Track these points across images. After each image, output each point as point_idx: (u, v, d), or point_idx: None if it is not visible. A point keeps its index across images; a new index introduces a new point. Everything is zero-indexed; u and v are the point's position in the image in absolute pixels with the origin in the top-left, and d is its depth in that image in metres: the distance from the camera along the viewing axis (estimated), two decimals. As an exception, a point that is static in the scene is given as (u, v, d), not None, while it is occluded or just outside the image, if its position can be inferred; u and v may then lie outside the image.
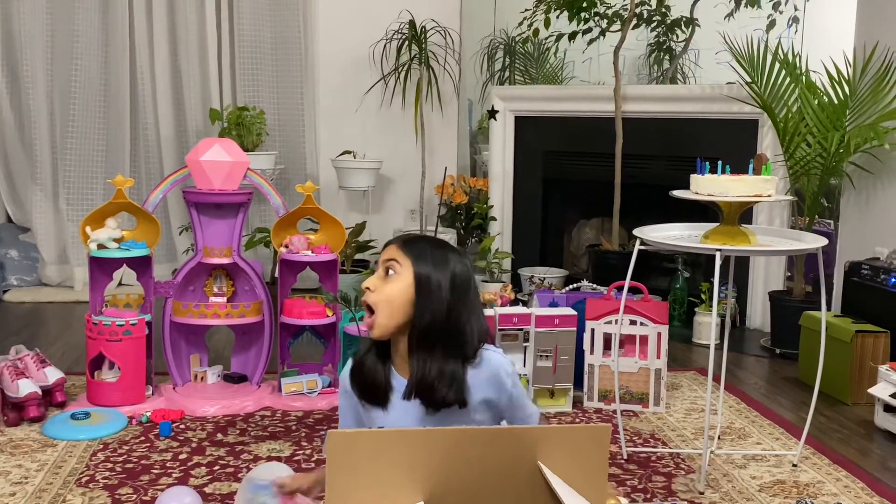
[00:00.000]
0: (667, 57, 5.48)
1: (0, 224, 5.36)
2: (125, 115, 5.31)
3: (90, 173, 5.31)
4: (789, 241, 2.76)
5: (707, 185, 2.63)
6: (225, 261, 3.36)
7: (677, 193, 2.73)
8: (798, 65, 4.29)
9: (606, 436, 1.54)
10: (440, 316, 1.72)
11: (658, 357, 3.32)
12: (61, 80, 5.26)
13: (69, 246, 5.30)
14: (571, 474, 1.51)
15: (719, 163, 2.65)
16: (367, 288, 1.76)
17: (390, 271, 1.75)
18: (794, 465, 2.83)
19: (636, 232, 2.74)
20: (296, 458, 2.82)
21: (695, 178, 2.68)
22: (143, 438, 2.96)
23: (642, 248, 2.72)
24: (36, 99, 5.22)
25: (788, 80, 4.29)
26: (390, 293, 1.73)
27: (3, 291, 5.12)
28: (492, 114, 5.28)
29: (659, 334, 3.31)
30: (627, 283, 2.88)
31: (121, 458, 2.78)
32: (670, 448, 2.97)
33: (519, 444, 1.50)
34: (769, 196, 2.62)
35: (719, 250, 2.53)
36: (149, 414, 3.12)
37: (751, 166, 2.68)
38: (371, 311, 1.76)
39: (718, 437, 3.06)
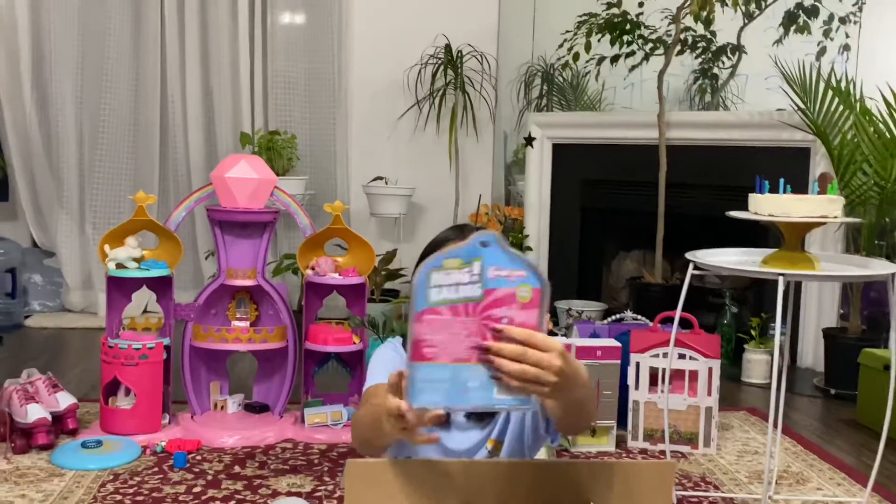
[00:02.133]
0: (710, 84, 5.28)
1: (24, 248, 5.25)
2: (154, 139, 5.21)
3: (117, 198, 5.20)
4: (856, 269, 2.53)
5: (767, 205, 2.42)
6: (249, 283, 3.19)
7: (735, 214, 2.52)
8: (852, 91, 4.09)
9: (671, 474, 1.33)
10: None
11: (709, 394, 3.08)
12: (91, 104, 5.17)
13: (94, 271, 5.18)
14: (629, 518, 1.31)
15: (781, 181, 2.44)
16: None
17: None
18: (862, 514, 2.58)
19: (689, 255, 2.53)
20: (317, 493, 2.62)
21: (754, 198, 2.47)
22: (156, 469, 2.78)
23: (695, 272, 2.52)
24: (64, 122, 5.13)
25: (842, 107, 4.09)
26: None
27: (24, 317, 5.00)
28: (528, 141, 5.11)
29: (710, 370, 3.08)
30: (679, 313, 2.67)
31: (131, 490, 2.60)
32: (723, 493, 2.73)
33: (568, 480, 1.30)
34: (835, 217, 2.41)
35: (782, 275, 2.31)
36: (164, 443, 2.94)
37: (814, 186, 2.47)
38: None
39: (775, 482, 2.82)
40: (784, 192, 2.45)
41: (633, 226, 5.11)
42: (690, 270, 2.51)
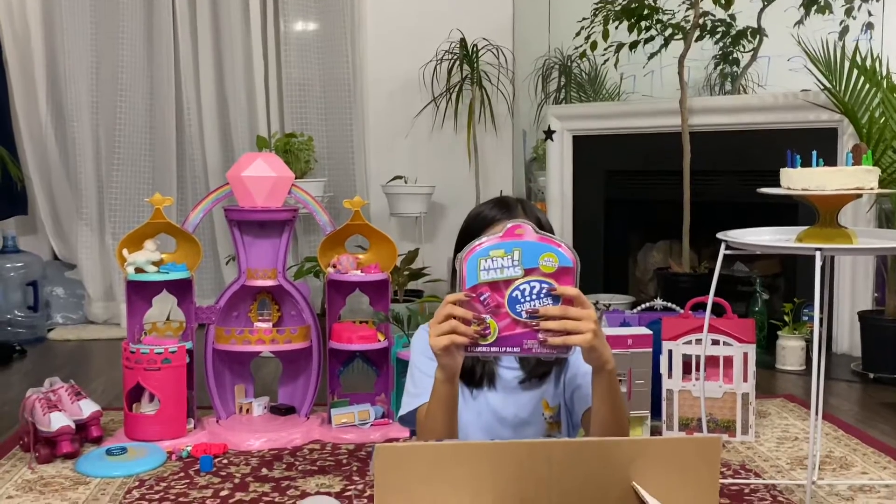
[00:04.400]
0: (731, 69, 5.17)
1: (46, 261, 5.24)
2: (171, 146, 5.18)
3: (136, 206, 5.18)
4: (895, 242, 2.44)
5: (800, 179, 2.34)
6: (269, 283, 3.14)
7: (767, 190, 2.44)
8: (878, 69, 3.99)
9: (717, 450, 1.26)
10: None
11: (745, 380, 2.99)
12: (106, 114, 5.16)
13: (115, 282, 5.15)
14: (674, 498, 1.23)
15: (813, 153, 2.36)
16: None
17: None
18: (911, 498, 2.49)
19: (720, 235, 2.45)
20: (346, 493, 2.56)
21: (786, 172, 2.39)
22: (182, 474, 2.72)
23: (727, 253, 2.44)
24: (81, 133, 5.12)
25: (869, 84, 3.99)
26: None
27: (47, 330, 4.97)
28: (548, 134, 5.03)
29: (745, 355, 2.99)
30: (711, 297, 2.59)
31: (157, 496, 2.55)
32: (765, 479, 2.64)
33: (609, 459, 1.23)
34: (872, 189, 2.32)
35: (819, 249, 2.23)
36: (189, 448, 2.89)
37: (848, 157, 2.39)
38: None
39: (818, 467, 2.73)
40: (817, 165, 2.37)
41: (658, 216, 5.02)
42: (723, 251, 2.43)
